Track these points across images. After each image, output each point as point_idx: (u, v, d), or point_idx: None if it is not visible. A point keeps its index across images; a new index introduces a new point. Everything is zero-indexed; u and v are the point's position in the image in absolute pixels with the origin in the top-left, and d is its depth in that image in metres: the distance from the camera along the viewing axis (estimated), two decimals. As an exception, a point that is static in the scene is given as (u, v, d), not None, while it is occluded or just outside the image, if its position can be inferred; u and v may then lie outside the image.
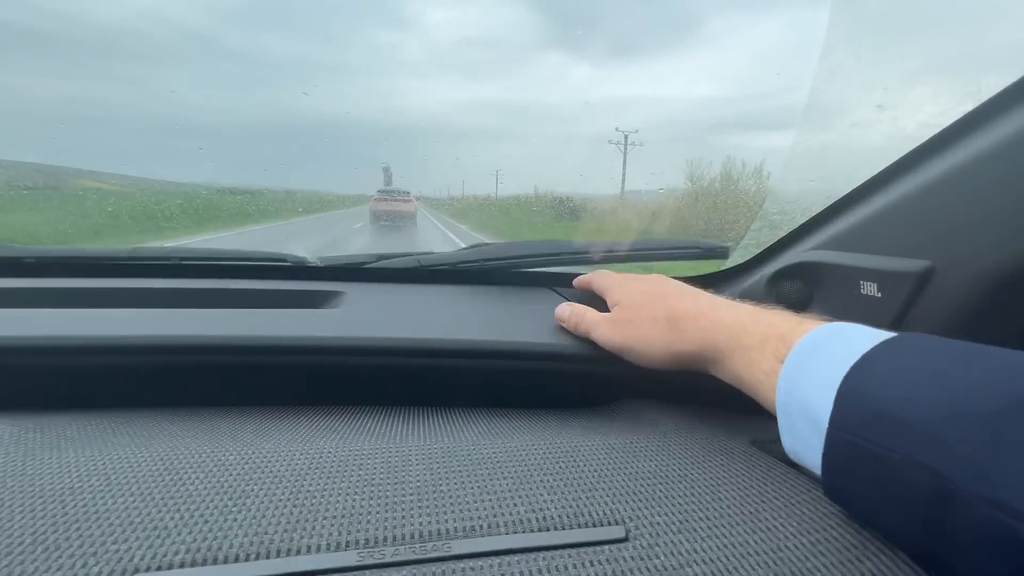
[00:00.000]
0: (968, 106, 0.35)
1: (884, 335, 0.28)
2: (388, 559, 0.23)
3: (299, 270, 0.67)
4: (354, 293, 0.60)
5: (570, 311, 0.48)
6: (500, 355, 0.46)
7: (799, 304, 0.53)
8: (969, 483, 0.20)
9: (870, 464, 0.24)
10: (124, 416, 0.37)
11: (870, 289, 0.42)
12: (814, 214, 0.51)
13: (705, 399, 0.43)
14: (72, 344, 0.39)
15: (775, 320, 0.34)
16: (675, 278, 0.71)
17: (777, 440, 0.37)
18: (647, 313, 0.42)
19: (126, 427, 0.35)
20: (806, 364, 0.29)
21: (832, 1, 0.42)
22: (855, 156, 0.46)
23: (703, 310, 0.39)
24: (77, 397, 0.39)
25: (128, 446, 0.31)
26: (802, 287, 0.52)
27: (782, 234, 0.56)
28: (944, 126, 0.37)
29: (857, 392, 0.25)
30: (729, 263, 0.66)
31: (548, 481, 0.30)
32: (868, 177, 0.44)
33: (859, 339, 0.28)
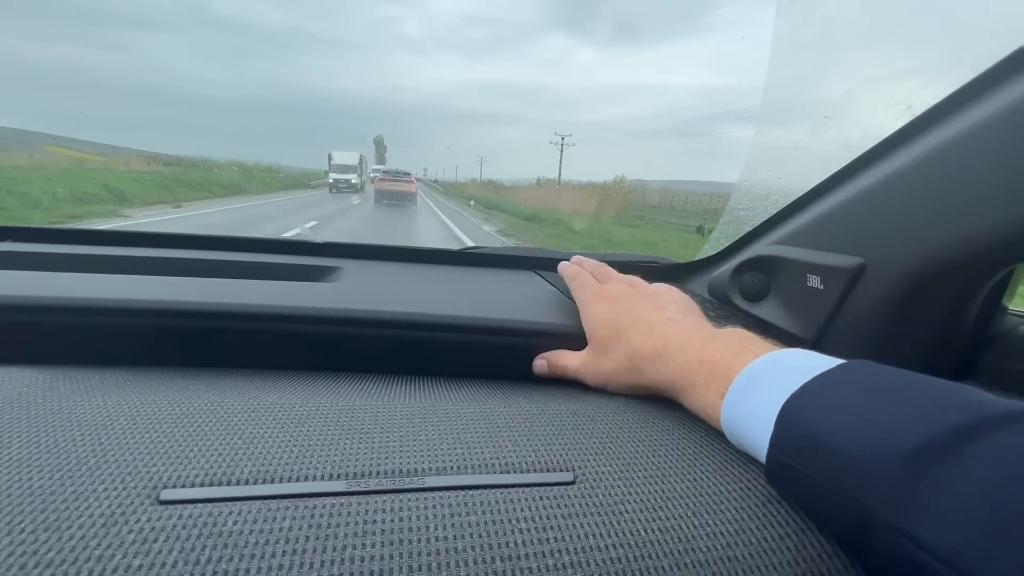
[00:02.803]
0: (901, 121, 0.39)
1: (824, 365, 0.29)
2: (372, 488, 0.28)
3: (302, 245, 0.71)
4: (351, 269, 0.64)
5: (545, 362, 0.49)
6: (484, 331, 0.50)
7: (759, 293, 0.58)
8: (886, 514, 0.22)
9: (804, 487, 0.26)
10: (139, 372, 0.42)
11: (815, 282, 0.47)
12: (775, 211, 0.56)
13: None
14: (92, 305, 0.43)
15: (718, 357, 0.36)
16: (652, 265, 0.76)
17: None
18: (611, 353, 0.45)
19: (142, 380, 0.39)
20: (742, 401, 0.32)
21: (777, 14, 0.46)
22: (808, 159, 0.50)
23: (658, 350, 0.41)
24: (95, 354, 0.43)
25: (146, 394, 0.35)
26: (762, 278, 0.57)
27: (747, 228, 0.60)
28: (881, 138, 0.41)
29: (794, 420, 0.27)
30: (701, 254, 0.71)
31: (512, 436, 0.34)
32: (819, 180, 0.48)
33: (798, 370, 0.30)
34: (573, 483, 0.30)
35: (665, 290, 0.50)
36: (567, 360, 0.48)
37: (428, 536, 0.25)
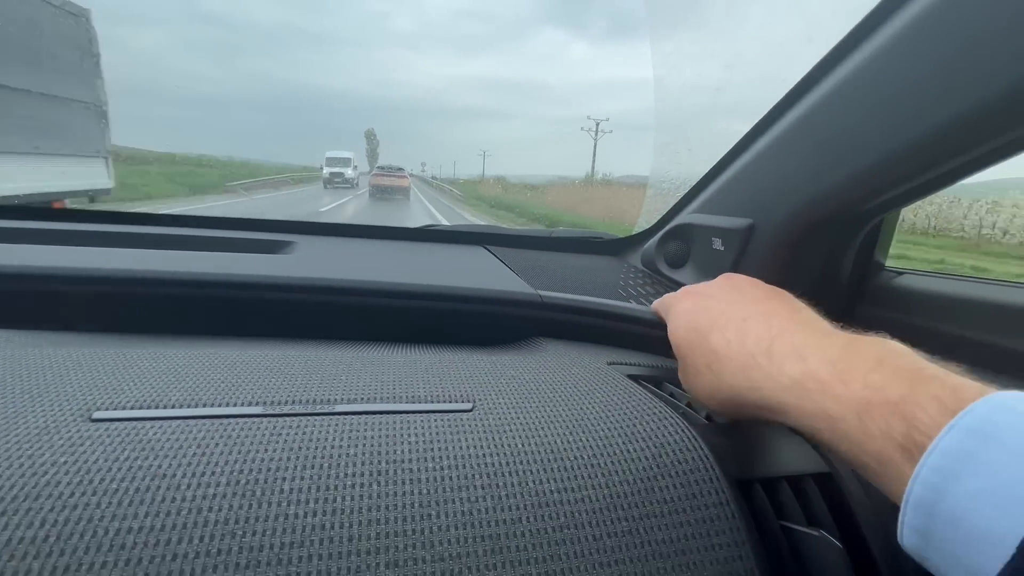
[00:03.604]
0: (773, 100, 0.44)
1: None
2: (285, 412, 0.31)
3: (259, 223, 0.75)
4: (304, 243, 0.68)
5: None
6: (431, 296, 0.53)
7: (680, 259, 0.62)
8: None
9: None
10: (96, 335, 0.45)
11: (718, 244, 0.52)
12: (693, 184, 0.60)
13: (599, 339, 0.53)
14: (55, 274, 0.45)
15: (877, 378, 0.24)
16: (596, 240, 0.80)
17: (627, 363, 0.46)
18: (692, 361, 0.35)
19: (98, 339, 0.43)
20: (964, 467, 0.19)
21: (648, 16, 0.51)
22: (711, 134, 0.55)
23: (754, 354, 0.30)
24: (59, 320, 0.46)
25: (95, 346, 0.39)
26: (682, 246, 0.62)
27: (673, 201, 0.65)
28: (761, 116, 0.46)
29: None
30: (637, 228, 0.75)
31: (426, 377, 0.39)
32: (724, 152, 0.53)
33: None
34: (471, 411, 0.34)
35: (768, 286, 0.37)
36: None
37: (325, 446, 0.29)
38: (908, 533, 0.20)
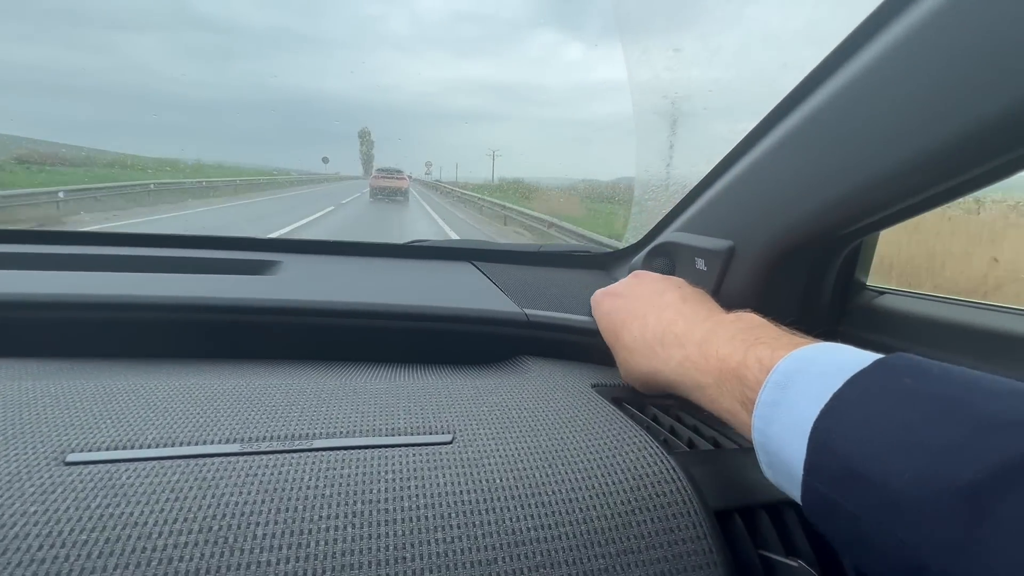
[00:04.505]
0: (751, 123, 0.44)
1: (858, 362, 0.24)
2: (262, 449, 0.31)
3: (246, 241, 0.74)
4: (290, 263, 0.68)
5: None
6: (416, 318, 0.52)
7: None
8: (941, 561, 0.18)
9: (845, 522, 0.22)
10: (74, 361, 0.44)
11: (701, 264, 0.52)
12: (677, 201, 0.60)
13: (584, 357, 0.53)
14: (33, 300, 0.45)
15: (725, 351, 0.32)
16: (584, 255, 0.81)
17: (611, 383, 0.47)
18: (617, 355, 0.44)
19: (76, 368, 0.42)
20: (775, 413, 0.26)
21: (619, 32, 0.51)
22: (692, 151, 0.55)
23: (651, 346, 0.38)
24: (36, 346, 0.45)
25: (74, 378, 0.38)
26: (668, 263, 0.62)
27: (657, 217, 0.65)
28: (741, 138, 0.46)
29: (827, 443, 0.23)
30: (623, 243, 0.75)
31: (408, 406, 0.38)
32: (707, 172, 0.53)
33: (829, 372, 0.25)
34: (451, 443, 0.34)
35: (666, 280, 0.45)
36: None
37: (301, 486, 0.29)
38: (764, 469, 0.28)
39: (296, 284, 0.59)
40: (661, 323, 0.39)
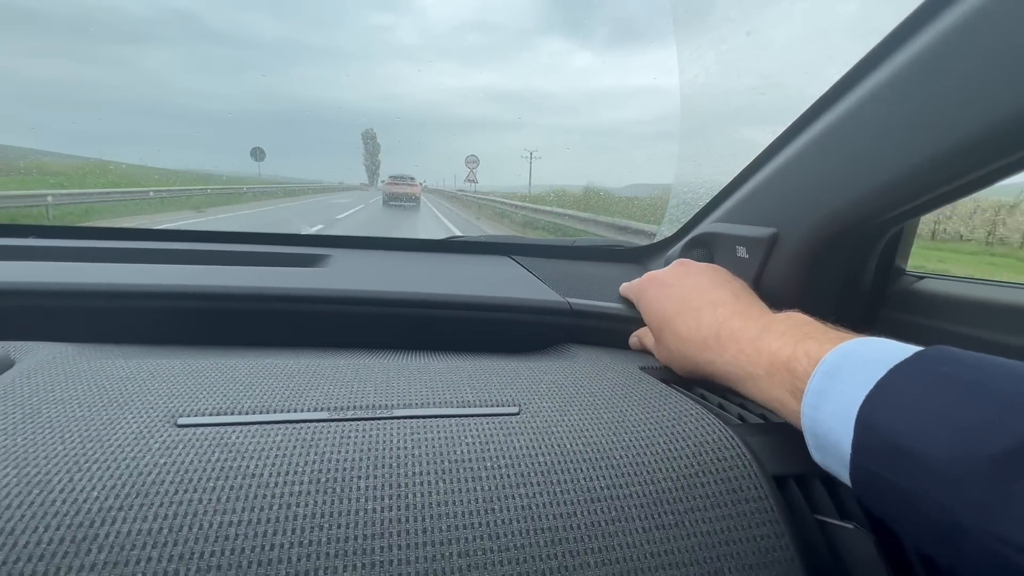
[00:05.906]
0: (796, 113, 0.46)
1: (900, 354, 0.27)
2: (348, 416, 0.34)
3: (295, 237, 0.78)
4: (339, 256, 0.71)
5: (637, 339, 0.55)
6: (464, 306, 0.55)
7: None
8: (976, 520, 0.21)
9: (891, 493, 0.25)
10: (152, 347, 0.48)
11: (742, 252, 0.54)
12: (715, 194, 0.62)
13: (625, 344, 0.55)
14: (110, 290, 0.48)
15: (776, 346, 0.35)
16: (618, 248, 0.83)
17: (657, 367, 0.49)
18: (663, 341, 0.46)
19: (156, 351, 0.46)
20: (822, 400, 0.29)
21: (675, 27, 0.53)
22: (733, 145, 0.57)
23: (707, 340, 0.41)
24: (115, 333, 0.49)
25: (160, 358, 0.42)
26: (706, 253, 0.64)
27: (695, 210, 0.67)
28: (783, 129, 0.48)
29: (873, 424, 0.26)
30: (658, 237, 0.77)
31: (472, 383, 0.41)
32: (747, 163, 0.55)
33: (873, 362, 0.28)
34: (518, 414, 0.37)
35: (713, 271, 0.49)
36: (648, 340, 0.51)
37: (391, 447, 0.31)
38: (813, 452, 0.31)
39: (349, 275, 0.62)
40: (716, 318, 0.42)
